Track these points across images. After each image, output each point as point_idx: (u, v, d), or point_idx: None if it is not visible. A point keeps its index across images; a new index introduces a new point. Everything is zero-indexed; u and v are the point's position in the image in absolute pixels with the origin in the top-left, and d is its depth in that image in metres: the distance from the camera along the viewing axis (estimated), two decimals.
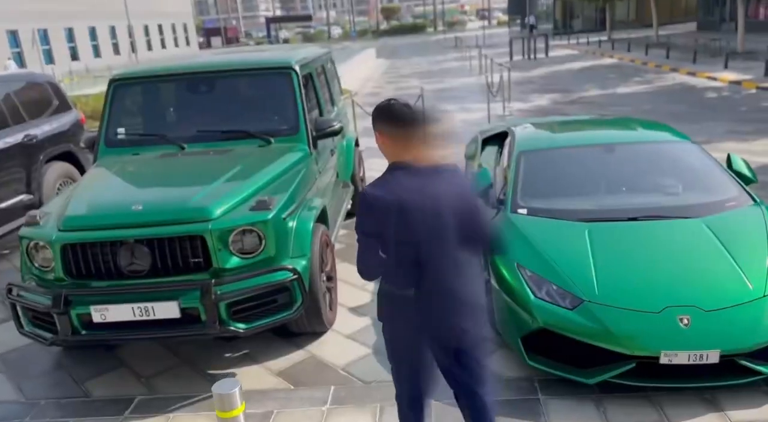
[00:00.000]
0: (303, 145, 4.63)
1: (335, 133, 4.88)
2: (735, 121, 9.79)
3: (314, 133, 4.77)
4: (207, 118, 4.79)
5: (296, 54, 5.14)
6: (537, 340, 3.41)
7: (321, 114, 5.31)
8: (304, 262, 3.79)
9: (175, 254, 3.52)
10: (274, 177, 4.08)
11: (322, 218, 4.32)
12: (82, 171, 7.22)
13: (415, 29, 70.80)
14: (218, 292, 3.47)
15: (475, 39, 37.52)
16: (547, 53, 24.88)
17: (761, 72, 13.55)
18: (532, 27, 25.25)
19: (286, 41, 60.28)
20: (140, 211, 3.56)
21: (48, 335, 3.64)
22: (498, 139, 5.81)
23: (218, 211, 3.58)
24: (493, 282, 3.70)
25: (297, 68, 4.81)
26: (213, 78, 4.84)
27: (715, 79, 14.24)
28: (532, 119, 6.34)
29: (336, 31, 74.55)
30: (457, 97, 15.80)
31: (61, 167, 6.83)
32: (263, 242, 3.63)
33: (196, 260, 3.55)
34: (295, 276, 3.66)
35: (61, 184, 6.80)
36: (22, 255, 3.80)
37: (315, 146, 4.76)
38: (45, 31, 36.44)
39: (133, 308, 3.47)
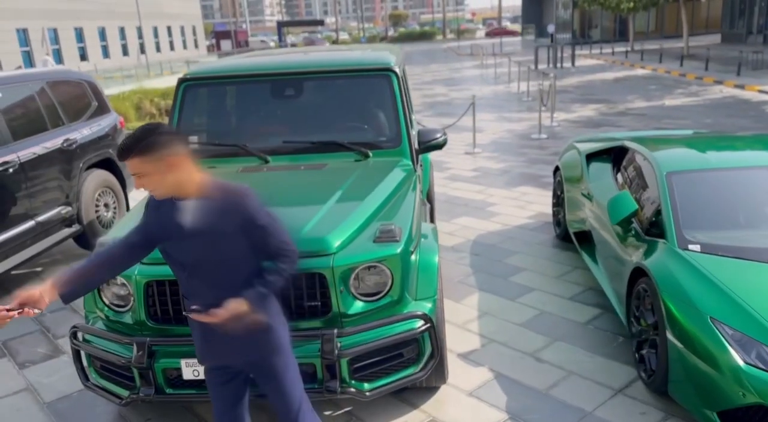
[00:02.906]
0: (406, 160, 3.95)
1: (439, 146, 4.20)
2: None
3: (417, 146, 4.10)
4: (292, 127, 4.12)
5: (388, 54, 4.47)
6: (738, 415, 2.73)
7: (411, 123, 4.63)
8: (430, 305, 3.10)
9: (288, 296, 2.83)
10: (386, 200, 3.40)
11: None
12: (121, 180, 6.54)
13: (423, 36, 70.38)
14: (340, 345, 2.78)
15: (492, 47, 37.00)
16: (573, 62, 24.25)
17: None
18: (552, 36, 24.67)
19: (294, 46, 59.72)
20: None
21: (123, 392, 2.94)
22: (605, 154, 5.14)
23: (339, 242, 2.89)
24: (671, 337, 3.00)
25: (397, 70, 4.14)
26: (300, 80, 4.15)
27: (767, 92, 13.61)
28: (638, 132, 5.66)
29: (343, 36, 74.07)
30: (492, 105, 15.15)
31: (100, 176, 6.15)
32: (390, 282, 2.94)
33: (313, 304, 2.86)
34: (427, 325, 2.97)
35: (99, 195, 6.11)
36: None
37: (418, 161, 4.09)
38: (54, 30, 35.84)
39: None
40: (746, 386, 2.63)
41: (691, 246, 3.28)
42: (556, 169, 5.79)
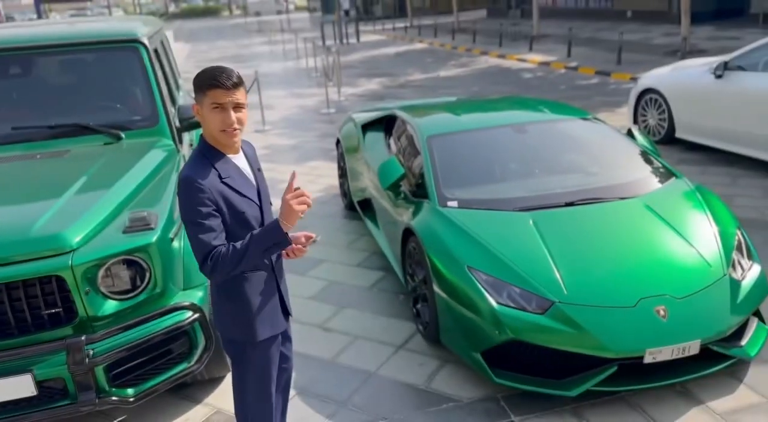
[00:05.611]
0: (167, 140, 3.66)
1: None
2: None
3: (178, 124, 3.81)
4: (25, 111, 3.57)
5: (137, 24, 4.07)
6: (499, 353, 2.97)
7: (173, 100, 4.31)
8: (201, 293, 2.90)
9: (20, 306, 2.44)
10: (140, 185, 3.10)
11: None
12: None
13: (208, 12, 67.37)
14: (91, 352, 2.48)
15: (280, 23, 36.54)
16: (358, 38, 24.88)
17: (563, 53, 14.73)
18: (347, 12, 25.10)
19: None
20: None
21: None
22: (379, 124, 5.28)
23: (78, 238, 2.55)
24: (437, 289, 3.17)
25: (146, 41, 3.78)
26: (28, 56, 3.60)
27: (524, 60, 15.18)
28: (410, 102, 5.91)
29: (117, 13, 67.85)
30: (282, 82, 14.97)
31: None
32: (148, 274, 2.68)
33: (53, 311, 2.50)
34: (196, 316, 2.78)
35: None
36: None
37: (181, 140, 3.80)
38: None
39: None
40: (500, 324, 2.86)
41: (449, 204, 3.49)
42: (338, 141, 5.84)
